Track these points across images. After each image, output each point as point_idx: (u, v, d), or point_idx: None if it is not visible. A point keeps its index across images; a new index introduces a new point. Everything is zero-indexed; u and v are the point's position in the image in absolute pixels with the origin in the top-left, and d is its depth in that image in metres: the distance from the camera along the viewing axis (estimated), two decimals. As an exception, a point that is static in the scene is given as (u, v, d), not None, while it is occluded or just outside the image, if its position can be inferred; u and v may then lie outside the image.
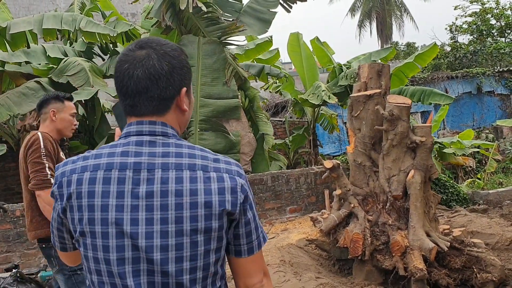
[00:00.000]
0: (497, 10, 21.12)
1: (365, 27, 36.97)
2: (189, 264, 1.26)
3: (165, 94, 1.32)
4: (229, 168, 1.34)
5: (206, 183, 1.28)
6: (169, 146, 1.31)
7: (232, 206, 1.30)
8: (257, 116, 6.88)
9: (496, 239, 5.67)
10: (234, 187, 1.31)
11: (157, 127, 1.32)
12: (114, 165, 1.28)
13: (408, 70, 10.51)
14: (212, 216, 1.27)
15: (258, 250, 1.40)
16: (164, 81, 1.31)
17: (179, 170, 1.28)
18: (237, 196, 1.31)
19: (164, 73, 1.30)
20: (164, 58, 1.32)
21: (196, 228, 1.26)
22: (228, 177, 1.32)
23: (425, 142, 4.81)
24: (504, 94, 17.55)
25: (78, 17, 6.68)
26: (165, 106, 1.33)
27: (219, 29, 6.54)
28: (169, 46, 1.36)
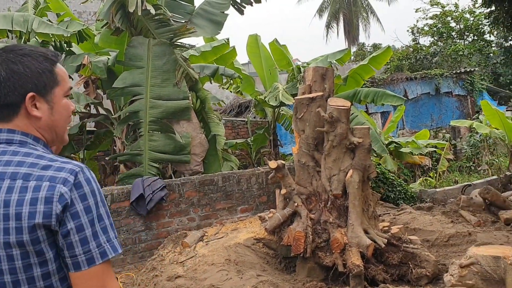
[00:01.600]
0: (456, 13, 21.78)
1: (332, 28, 37.48)
2: (10, 277, 1.23)
3: (6, 100, 1.31)
4: (55, 176, 1.25)
5: (21, 193, 1.22)
6: (4, 155, 1.29)
7: (44, 218, 1.21)
8: (209, 117, 6.97)
9: (436, 236, 5.91)
10: (49, 196, 1.22)
11: (1, 135, 1.31)
12: None
13: (363, 72, 10.79)
14: (23, 229, 1.20)
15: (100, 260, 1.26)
16: (2, 87, 1.30)
17: (1, 180, 1.24)
18: (52, 207, 1.21)
19: (1, 79, 1.30)
20: (3, 64, 1.32)
21: (8, 241, 1.21)
22: (48, 185, 1.23)
23: (363, 143, 4.99)
24: (461, 95, 18.12)
25: (30, 17, 6.63)
26: (10, 112, 1.32)
27: (170, 31, 6.60)
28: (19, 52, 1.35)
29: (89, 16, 14.22)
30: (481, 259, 3.47)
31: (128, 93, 6.51)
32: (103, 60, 6.86)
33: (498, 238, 5.50)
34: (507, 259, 3.12)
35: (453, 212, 6.60)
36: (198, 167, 6.66)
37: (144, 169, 6.29)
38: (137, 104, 6.45)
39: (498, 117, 10.49)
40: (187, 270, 5.13)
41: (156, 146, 6.39)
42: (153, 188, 5.85)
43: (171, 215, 6.15)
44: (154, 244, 6.01)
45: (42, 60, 1.36)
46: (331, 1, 36.86)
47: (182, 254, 5.72)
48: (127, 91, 6.48)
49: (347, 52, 11.07)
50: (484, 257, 3.52)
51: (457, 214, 6.52)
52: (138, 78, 6.47)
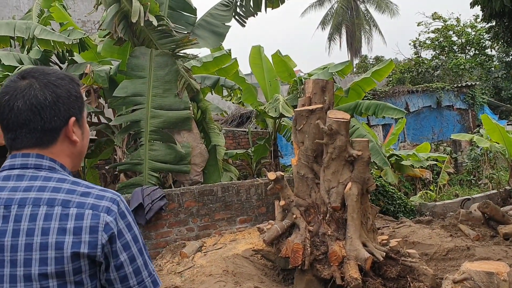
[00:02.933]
0: (458, 27, 21.90)
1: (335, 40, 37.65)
2: None
3: (50, 125, 1.24)
4: (96, 204, 1.19)
5: (62, 221, 1.15)
6: (36, 180, 1.21)
7: (90, 248, 1.16)
8: (209, 127, 7.00)
9: (434, 250, 5.91)
10: (94, 225, 1.16)
11: (30, 160, 1.23)
12: None
13: (365, 85, 10.82)
14: (64, 260, 1.14)
15: None
16: (48, 112, 1.23)
17: (36, 206, 1.16)
18: (98, 237, 1.16)
19: (47, 103, 1.23)
20: (47, 87, 1.24)
21: (45, 273, 1.13)
22: (91, 214, 1.17)
23: (362, 156, 5.01)
24: (462, 108, 18.15)
25: (32, 25, 6.69)
26: (51, 138, 1.25)
27: (172, 41, 6.65)
28: (55, 75, 1.28)
29: (93, 25, 14.34)
30: (474, 275, 3.45)
31: (130, 103, 6.55)
32: (105, 70, 6.91)
33: (496, 252, 5.49)
34: (500, 275, 3.11)
35: (452, 226, 6.59)
36: (198, 177, 6.67)
37: (144, 179, 6.31)
38: (138, 114, 6.48)
39: (498, 131, 10.50)
40: (184, 281, 5.13)
41: (156, 156, 6.41)
42: (153, 198, 5.86)
43: (170, 225, 6.15)
44: (152, 254, 6.01)
45: (75, 85, 1.32)
46: (334, 14, 37.06)
47: (180, 264, 5.71)
48: (129, 101, 6.52)
49: (349, 64, 11.12)
50: (477, 273, 3.50)
51: (456, 228, 6.51)
52: (140, 88, 6.51)
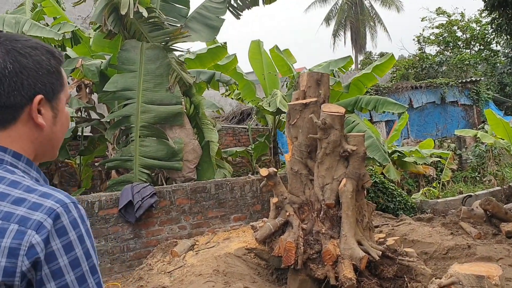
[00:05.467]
0: (462, 22, 21.59)
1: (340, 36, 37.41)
2: None
3: (8, 101, 1.02)
4: (27, 216, 0.93)
5: None
6: None
7: (4, 276, 0.90)
8: (203, 123, 6.81)
9: (434, 248, 5.71)
10: (15, 247, 0.90)
11: None
12: None
13: (366, 80, 10.62)
14: None
15: None
16: (6, 84, 1.01)
17: None
18: (17, 262, 0.90)
19: (6, 73, 1.01)
20: (9, 54, 1.03)
21: None
22: (16, 230, 0.91)
23: (357, 151, 4.82)
24: (467, 104, 17.88)
25: (22, 19, 6.53)
26: (8, 116, 1.03)
27: (163, 34, 6.47)
28: (24, 43, 1.06)
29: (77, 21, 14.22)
30: (463, 279, 3.20)
31: (120, 97, 6.38)
32: (95, 64, 6.74)
33: (498, 251, 5.29)
34: (492, 279, 2.86)
35: (453, 224, 6.38)
36: (191, 174, 6.50)
37: (134, 176, 6.14)
38: (128, 109, 6.30)
39: (502, 126, 10.26)
40: (173, 281, 4.96)
41: (147, 152, 6.24)
42: (143, 195, 5.69)
43: (162, 222, 5.98)
44: (143, 252, 5.85)
45: (50, 57, 1.09)
46: (338, 10, 36.81)
47: (171, 263, 5.54)
48: (119, 95, 6.35)
49: (350, 60, 10.91)
50: (466, 276, 3.24)
51: (457, 226, 6.31)
52: (130, 82, 6.33)
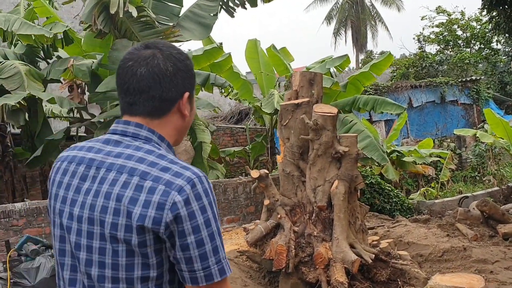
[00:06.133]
0: (463, 21, 21.45)
1: (341, 35, 37.25)
2: (111, 272, 1.19)
3: (167, 95, 1.28)
4: (171, 181, 1.17)
5: (136, 191, 1.17)
6: (128, 148, 1.25)
7: (153, 224, 1.15)
8: (195, 124, 6.71)
9: (429, 250, 5.61)
10: (162, 202, 1.15)
11: (129, 128, 1.29)
12: (76, 158, 1.29)
13: (364, 79, 10.50)
14: (132, 229, 1.16)
15: (204, 283, 1.20)
16: (168, 82, 1.28)
17: (119, 173, 1.21)
18: (163, 214, 1.15)
19: (168, 73, 1.28)
20: (169, 59, 1.29)
21: (115, 236, 1.17)
22: (163, 190, 1.16)
23: (350, 152, 4.72)
24: (467, 103, 17.74)
25: (12, 18, 6.45)
26: (165, 107, 1.30)
27: (154, 33, 6.37)
28: (176, 49, 1.33)
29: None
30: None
31: (110, 98, 6.29)
32: (86, 64, 6.64)
33: (494, 254, 5.19)
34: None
35: (449, 225, 6.29)
36: (184, 175, 6.40)
37: (124, 177, 6.03)
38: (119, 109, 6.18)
39: (502, 126, 10.17)
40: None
41: (138, 153, 6.13)
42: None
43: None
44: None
45: (190, 62, 1.37)
46: (339, 9, 36.67)
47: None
48: (109, 95, 6.26)
49: (346, 58, 10.81)
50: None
51: (454, 227, 6.21)
52: (121, 82, 6.22)
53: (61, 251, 1.27)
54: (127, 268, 1.19)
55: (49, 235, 5.21)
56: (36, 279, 4.38)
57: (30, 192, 9.37)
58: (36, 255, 4.52)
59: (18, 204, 5.15)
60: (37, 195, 9.33)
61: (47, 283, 4.42)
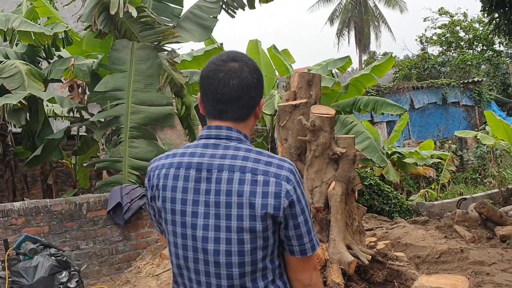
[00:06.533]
0: (465, 23, 21.40)
1: (344, 36, 37.19)
2: (237, 259, 1.40)
3: (252, 103, 1.51)
4: (278, 173, 1.41)
5: (253, 186, 1.40)
6: (228, 149, 1.46)
7: (274, 210, 1.39)
8: (194, 124, 6.74)
9: (427, 252, 5.61)
10: (278, 192, 1.39)
11: (222, 131, 1.49)
12: (183, 164, 1.48)
13: (365, 81, 10.51)
14: (256, 217, 1.39)
15: (311, 253, 1.49)
16: (253, 92, 1.49)
17: (231, 172, 1.42)
18: (281, 201, 1.39)
19: (254, 84, 1.49)
20: (254, 71, 1.50)
21: (242, 226, 1.39)
22: (275, 181, 1.40)
23: (347, 154, 4.73)
24: (469, 105, 17.72)
25: (12, 17, 6.49)
26: (248, 113, 1.52)
27: (154, 34, 6.39)
28: (254, 62, 1.55)
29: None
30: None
31: (109, 98, 6.31)
32: (87, 64, 6.68)
33: (491, 256, 5.19)
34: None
35: (447, 227, 6.28)
36: (182, 176, 6.41)
37: (123, 177, 6.07)
38: (118, 109, 6.23)
39: (503, 128, 10.14)
40: (160, 284, 4.90)
41: (137, 153, 6.16)
42: (132, 197, 5.63)
43: (151, 225, 5.92)
44: (132, 255, 5.78)
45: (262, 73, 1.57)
46: (342, 10, 36.64)
47: (159, 266, 5.48)
48: (109, 95, 6.28)
49: (348, 60, 10.81)
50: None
51: (452, 229, 6.21)
52: (120, 82, 6.26)
53: (184, 246, 1.47)
54: (251, 253, 1.41)
55: (48, 234, 5.25)
56: (34, 278, 4.41)
57: (31, 191, 9.41)
58: (34, 254, 4.55)
59: (17, 203, 5.18)
60: (37, 194, 9.38)
61: (45, 282, 4.46)
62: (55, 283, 4.54)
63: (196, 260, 1.46)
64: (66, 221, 5.36)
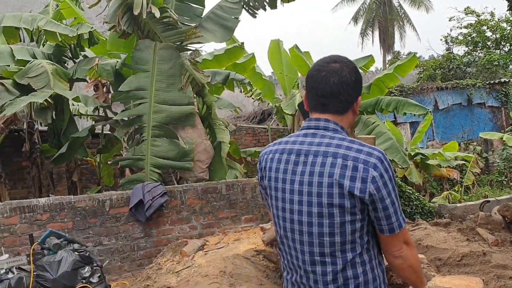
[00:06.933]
0: (492, 22, 20.96)
1: (368, 35, 36.82)
2: (328, 230, 1.65)
3: (349, 99, 1.75)
4: (366, 160, 1.63)
5: (342, 169, 1.63)
6: (324, 138, 1.72)
7: (360, 192, 1.61)
8: (215, 123, 6.81)
9: (448, 254, 5.54)
10: (365, 177, 1.61)
11: (320, 123, 1.75)
12: (285, 150, 1.78)
13: (388, 80, 10.40)
14: (344, 196, 1.62)
15: (398, 230, 1.69)
16: (351, 89, 1.73)
17: (325, 157, 1.67)
18: (367, 185, 1.61)
19: (352, 83, 1.73)
20: (353, 71, 1.74)
21: (331, 203, 1.64)
22: (362, 167, 1.62)
23: (367, 154, 4.71)
24: (495, 106, 17.37)
25: (38, 16, 6.65)
26: (346, 108, 1.76)
27: (176, 34, 6.48)
28: (353, 63, 1.78)
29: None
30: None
31: (132, 97, 6.41)
32: (111, 63, 6.81)
33: (515, 260, 5.10)
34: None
35: (469, 230, 6.19)
36: (203, 174, 6.49)
37: (145, 175, 6.17)
38: (141, 108, 6.34)
39: (529, 130, 9.91)
40: (180, 281, 4.96)
41: (159, 152, 6.26)
42: (153, 194, 5.71)
43: (172, 222, 6.00)
44: (153, 251, 5.87)
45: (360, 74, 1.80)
46: (366, 9, 36.29)
47: (180, 263, 5.55)
48: (131, 95, 6.39)
49: (371, 59, 10.74)
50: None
51: (474, 231, 6.11)
52: (143, 82, 6.37)
53: (283, 218, 1.77)
54: (340, 226, 1.64)
55: (71, 230, 5.37)
56: (58, 272, 4.52)
57: (56, 188, 9.60)
58: (58, 249, 4.67)
59: (42, 199, 5.31)
60: (63, 191, 9.57)
61: (68, 276, 4.57)
62: (78, 278, 4.65)
63: (293, 231, 1.73)
64: (89, 217, 5.48)
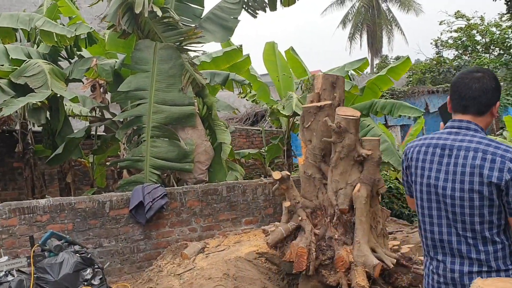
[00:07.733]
0: (482, 26, 21.19)
1: (356, 39, 37.08)
2: (468, 210, 1.99)
3: (488, 102, 2.08)
4: (504, 154, 1.94)
5: (482, 161, 1.96)
6: (466, 136, 2.05)
7: (497, 180, 1.93)
8: (215, 124, 6.75)
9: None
10: (502, 168, 1.93)
11: (463, 123, 2.09)
12: (431, 144, 2.13)
13: (381, 83, 10.44)
14: (483, 184, 1.95)
15: None
16: (490, 94, 2.07)
17: (467, 151, 2.00)
18: (503, 174, 1.92)
19: (491, 89, 2.07)
20: (493, 80, 2.09)
21: (472, 188, 1.98)
22: (500, 160, 1.93)
23: (372, 156, 4.70)
24: (485, 110, 17.51)
25: (35, 16, 6.54)
26: (485, 110, 2.09)
27: (177, 34, 6.41)
28: (494, 74, 2.14)
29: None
30: None
31: (132, 97, 6.33)
32: (110, 63, 6.72)
33: None
34: None
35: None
36: (203, 176, 6.43)
37: (145, 176, 6.09)
38: (140, 109, 6.26)
39: (522, 133, 10.03)
40: (183, 284, 4.89)
41: (158, 153, 6.18)
42: (153, 196, 5.64)
43: (172, 224, 5.93)
44: (153, 254, 5.79)
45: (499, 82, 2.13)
46: (355, 13, 36.51)
47: (180, 266, 5.48)
48: (131, 95, 6.30)
49: (365, 61, 10.76)
50: None
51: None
52: (143, 82, 6.29)
53: (428, 199, 2.13)
54: (479, 208, 1.98)
55: (71, 231, 5.27)
56: (59, 274, 4.43)
57: (48, 189, 9.47)
58: (60, 251, 4.57)
59: (42, 200, 5.21)
60: (54, 192, 9.43)
61: (69, 279, 4.47)
62: (79, 280, 4.56)
63: (439, 208, 2.09)
64: (89, 219, 5.39)
